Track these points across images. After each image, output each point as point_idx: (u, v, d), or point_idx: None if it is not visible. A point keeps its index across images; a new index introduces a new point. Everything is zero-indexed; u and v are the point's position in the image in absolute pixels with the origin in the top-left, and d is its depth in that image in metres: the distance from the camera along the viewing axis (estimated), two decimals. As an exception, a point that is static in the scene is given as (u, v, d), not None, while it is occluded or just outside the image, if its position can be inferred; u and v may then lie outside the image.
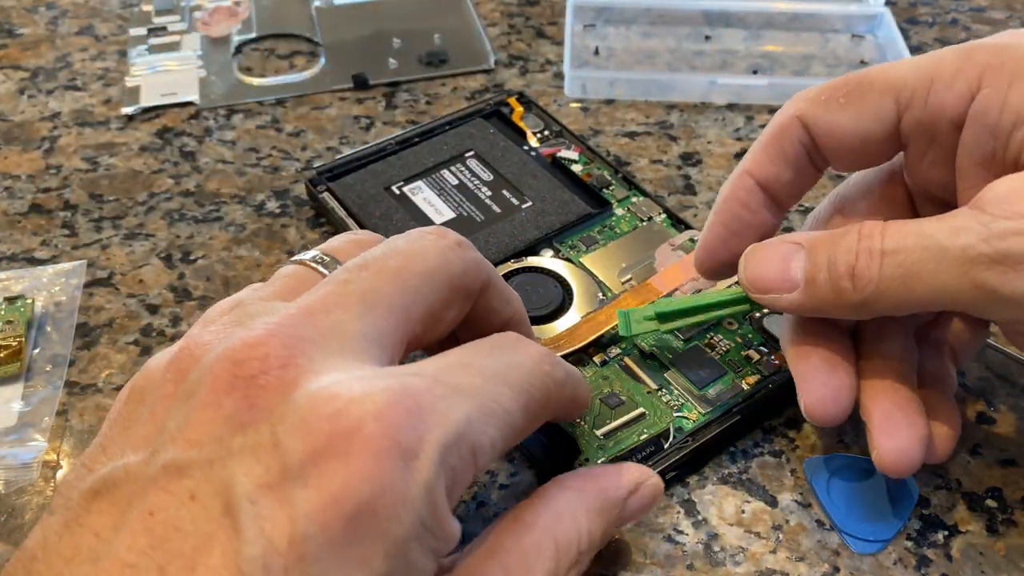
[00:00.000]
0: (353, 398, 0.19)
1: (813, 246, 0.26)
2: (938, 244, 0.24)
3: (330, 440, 0.19)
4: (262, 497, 0.18)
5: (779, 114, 0.28)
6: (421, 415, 0.20)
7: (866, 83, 0.27)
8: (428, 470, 0.19)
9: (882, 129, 0.26)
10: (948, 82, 0.25)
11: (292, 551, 0.18)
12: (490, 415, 0.21)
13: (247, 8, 0.52)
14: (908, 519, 0.29)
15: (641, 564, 0.28)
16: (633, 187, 0.38)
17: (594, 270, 0.35)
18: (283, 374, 0.20)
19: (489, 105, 0.42)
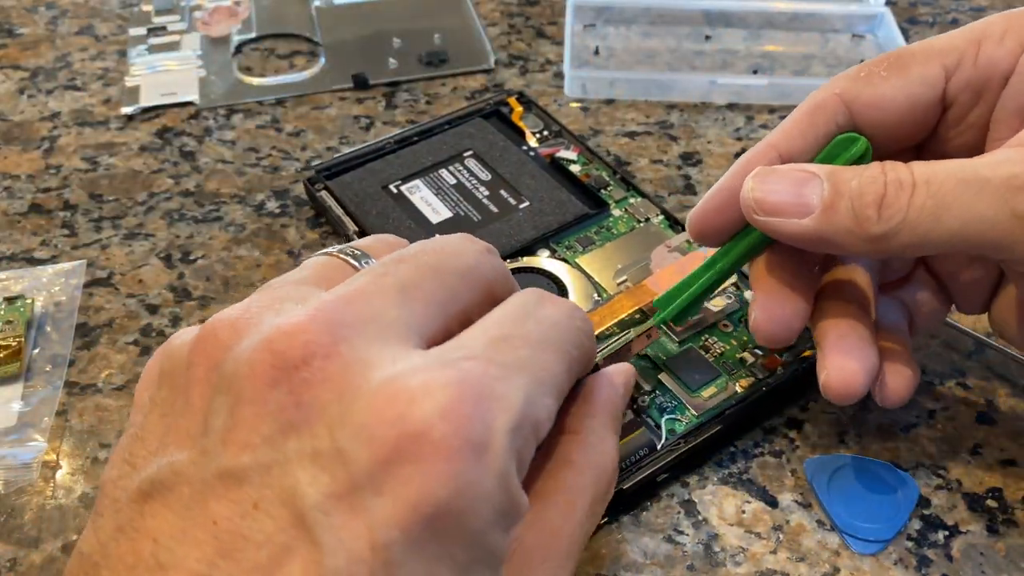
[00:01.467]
0: (414, 397, 0.19)
1: (832, 175, 0.25)
2: (978, 175, 0.23)
3: (398, 446, 0.18)
4: (334, 508, 0.18)
5: (815, 93, 0.28)
6: (486, 405, 0.19)
7: (907, 55, 0.27)
8: (500, 459, 0.19)
9: (930, 94, 0.27)
10: (998, 39, 0.26)
11: (376, 558, 0.18)
12: (543, 385, 0.21)
13: (247, 8, 0.52)
14: (908, 519, 0.29)
15: (641, 564, 0.28)
16: (631, 188, 0.38)
17: (590, 271, 0.35)
18: (327, 365, 0.19)
19: (489, 105, 0.42)
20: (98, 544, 0.20)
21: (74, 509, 0.29)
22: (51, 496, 0.30)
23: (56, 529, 0.29)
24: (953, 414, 0.32)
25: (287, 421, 0.19)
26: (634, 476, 0.28)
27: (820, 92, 0.28)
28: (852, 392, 0.26)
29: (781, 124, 0.28)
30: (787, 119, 0.28)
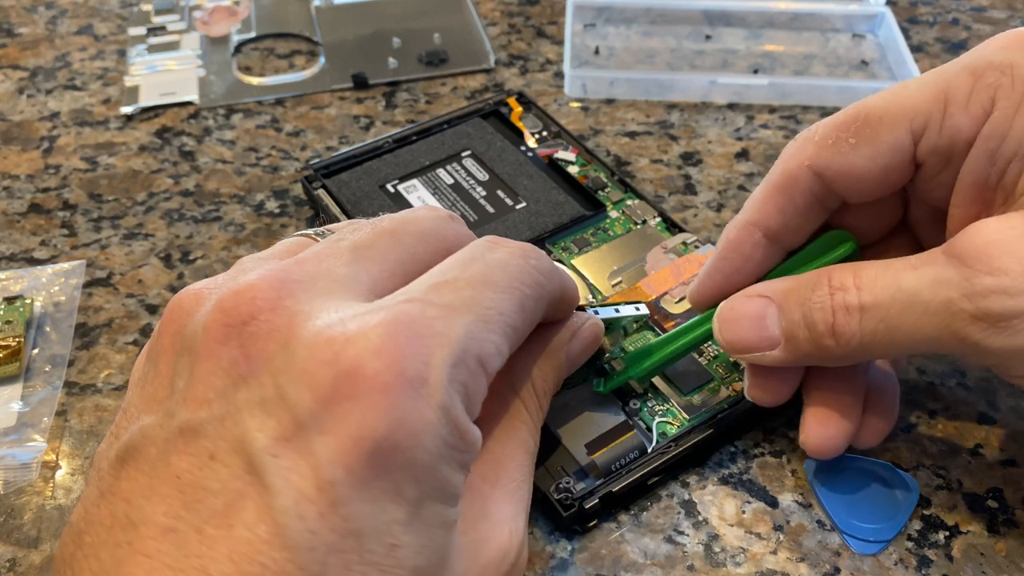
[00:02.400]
0: (349, 338, 0.19)
1: (784, 301, 0.26)
2: (919, 298, 0.24)
3: (335, 385, 0.19)
4: (281, 450, 0.19)
5: (785, 161, 0.27)
6: (421, 341, 0.20)
7: (874, 118, 0.26)
8: (440, 392, 0.20)
9: (899, 159, 0.26)
10: (963, 104, 0.25)
11: (322, 497, 0.18)
12: (488, 322, 0.22)
13: (246, 8, 0.52)
14: (908, 520, 0.29)
15: (641, 564, 0.28)
16: (629, 190, 0.38)
17: (585, 272, 0.35)
18: (273, 318, 0.20)
19: (488, 105, 0.42)
20: (83, 512, 0.21)
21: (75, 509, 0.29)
22: (51, 496, 0.30)
23: (56, 529, 0.29)
24: (953, 414, 0.32)
25: (238, 374, 0.20)
26: (624, 478, 0.28)
27: (789, 162, 0.27)
28: (827, 454, 0.28)
29: (756, 196, 0.28)
30: (761, 190, 0.28)
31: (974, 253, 0.23)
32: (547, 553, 0.28)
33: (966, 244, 0.23)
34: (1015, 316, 0.23)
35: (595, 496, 0.28)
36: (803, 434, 0.29)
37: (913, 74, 0.45)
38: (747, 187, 0.41)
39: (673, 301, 0.33)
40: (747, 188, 0.41)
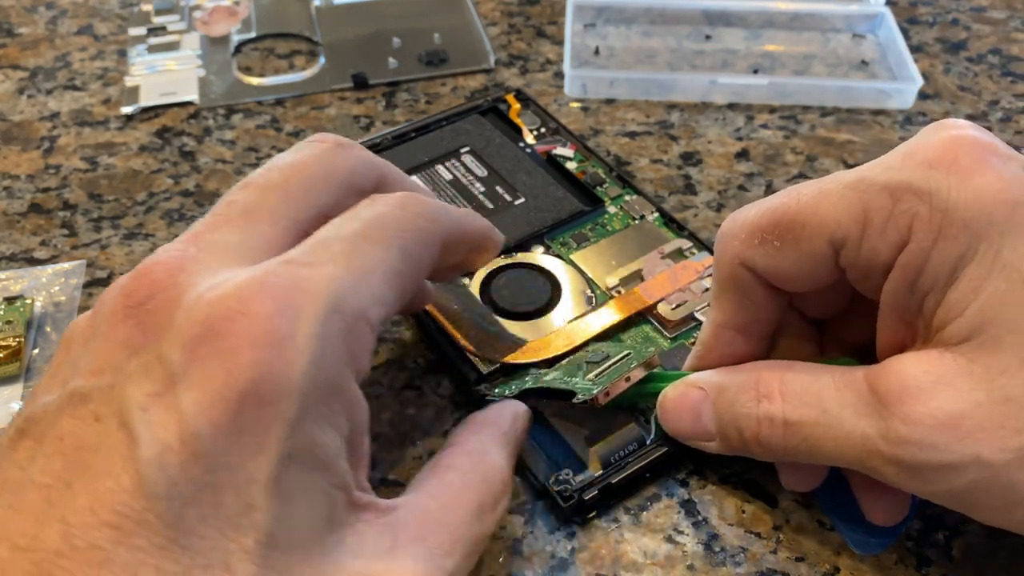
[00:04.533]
0: (219, 298, 0.20)
1: (716, 399, 0.27)
2: (840, 427, 0.24)
3: (203, 339, 0.20)
4: (152, 405, 0.20)
5: (720, 258, 0.27)
6: (288, 297, 0.21)
7: (798, 224, 0.25)
8: (309, 347, 0.20)
9: (822, 266, 0.25)
10: (880, 229, 0.24)
11: (185, 448, 0.19)
12: (365, 274, 0.22)
13: (246, 8, 0.52)
14: (911, 520, 0.29)
15: (641, 564, 0.28)
16: (627, 185, 0.38)
17: (584, 267, 0.35)
18: (167, 295, 0.21)
19: (487, 101, 0.42)
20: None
21: None
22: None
23: (55, 529, 0.29)
24: (953, 414, 0.32)
25: (131, 347, 0.21)
26: (623, 471, 0.28)
27: (724, 258, 0.27)
28: (806, 490, 0.29)
29: (715, 297, 0.28)
30: (714, 294, 0.28)
31: (889, 395, 0.23)
32: (547, 553, 0.28)
33: (884, 381, 0.23)
34: (926, 468, 0.23)
35: (594, 488, 0.28)
36: (782, 478, 0.29)
37: (913, 74, 0.45)
38: (747, 187, 0.41)
39: (670, 308, 0.33)
40: (747, 188, 0.41)
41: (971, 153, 0.23)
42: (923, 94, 0.46)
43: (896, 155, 0.24)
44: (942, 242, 0.23)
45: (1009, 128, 0.45)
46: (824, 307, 0.29)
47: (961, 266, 0.23)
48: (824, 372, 0.25)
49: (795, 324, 0.29)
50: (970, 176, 0.23)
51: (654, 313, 0.33)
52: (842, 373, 0.25)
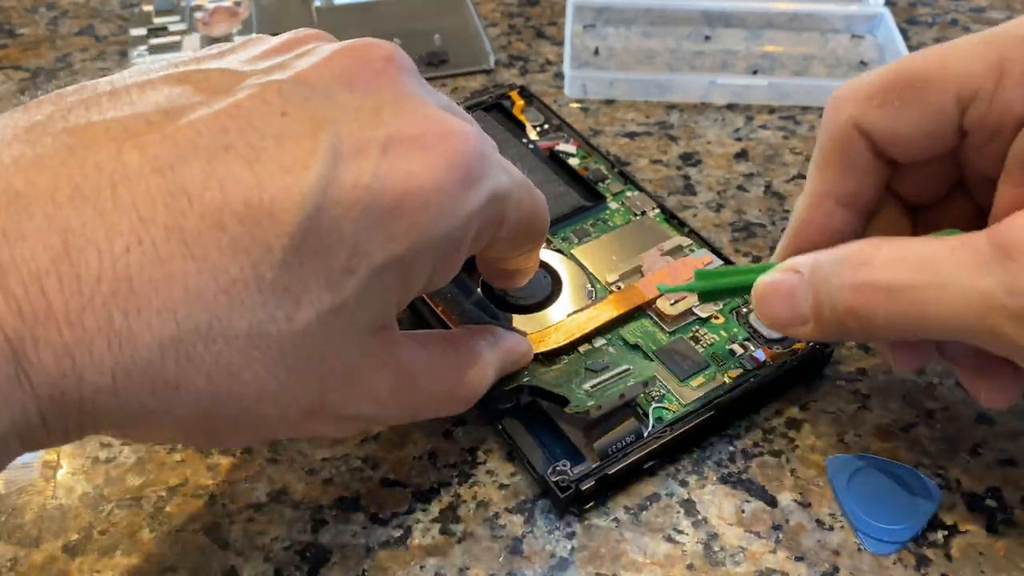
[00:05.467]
0: (453, 119, 0.23)
1: (812, 275, 0.25)
2: (957, 284, 0.22)
3: (424, 134, 0.22)
4: (348, 143, 0.21)
5: (831, 121, 0.26)
6: (487, 165, 0.23)
7: (920, 79, 0.24)
8: (477, 202, 0.23)
9: (946, 127, 0.25)
10: (1019, 77, 0.23)
11: (352, 192, 0.21)
12: (518, 202, 0.25)
13: (247, 8, 0.52)
14: (927, 523, 0.29)
15: (641, 564, 0.28)
16: (629, 182, 0.39)
17: (585, 262, 0.35)
18: (398, 76, 0.23)
19: (491, 98, 0.42)
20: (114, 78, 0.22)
21: (75, 509, 0.29)
22: (52, 496, 0.30)
23: (57, 529, 0.29)
24: (953, 414, 0.32)
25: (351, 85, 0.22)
26: (621, 462, 0.29)
27: (834, 121, 0.26)
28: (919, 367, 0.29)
29: (817, 166, 0.27)
30: (815, 162, 0.27)
31: (1016, 245, 0.21)
32: (547, 552, 0.28)
33: (1011, 235, 0.22)
34: None
35: (591, 479, 0.28)
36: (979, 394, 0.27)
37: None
38: (746, 187, 0.41)
39: (668, 303, 0.33)
40: (746, 188, 0.41)
41: None
42: (922, 95, 0.46)
43: (1015, 21, 0.24)
44: None
45: (1008, 129, 0.45)
46: (925, 188, 0.28)
47: None
48: (934, 240, 0.23)
49: (891, 207, 0.28)
50: None
51: (653, 308, 0.33)
52: (956, 237, 0.23)
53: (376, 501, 0.29)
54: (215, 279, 0.19)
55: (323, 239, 0.20)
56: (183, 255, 0.19)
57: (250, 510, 0.29)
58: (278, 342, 0.20)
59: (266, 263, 0.20)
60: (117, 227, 0.18)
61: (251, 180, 0.20)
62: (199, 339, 0.19)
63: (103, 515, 0.29)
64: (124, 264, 0.18)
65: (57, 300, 0.18)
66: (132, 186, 0.19)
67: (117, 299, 0.18)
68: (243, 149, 0.20)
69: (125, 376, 0.19)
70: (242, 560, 0.28)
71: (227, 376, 0.20)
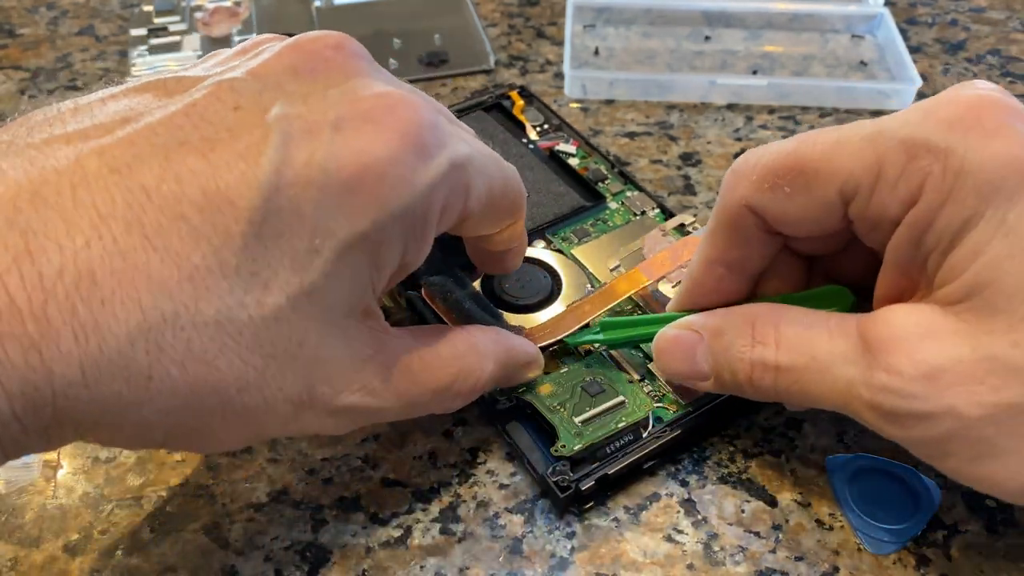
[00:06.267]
0: (401, 92, 0.23)
1: (712, 340, 0.28)
2: (828, 372, 0.25)
3: (372, 108, 0.22)
4: (297, 126, 0.21)
5: (726, 197, 0.27)
6: (441, 133, 0.23)
7: (810, 171, 0.25)
8: (436, 170, 0.23)
9: (831, 216, 0.26)
10: (892, 183, 0.24)
11: (305, 171, 0.21)
12: (483, 169, 0.25)
13: (247, 8, 0.52)
14: (927, 523, 0.29)
15: (641, 564, 0.28)
16: (629, 182, 0.39)
17: (585, 262, 0.35)
18: (347, 62, 0.24)
19: (491, 98, 0.43)
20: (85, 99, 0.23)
21: (75, 509, 0.29)
22: (52, 496, 0.30)
23: (57, 529, 0.29)
24: (952, 414, 0.32)
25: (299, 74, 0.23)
26: (620, 461, 0.29)
27: (729, 198, 0.27)
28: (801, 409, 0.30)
29: (708, 236, 0.28)
30: (710, 230, 0.28)
31: (878, 343, 0.24)
32: (547, 552, 0.28)
33: (874, 330, 0.24)
34: (903, 415, 0.24)
35: (591, 478, 0.28)
36: None
37: (912, 75, 0.45)
38: (746, 187, 0.41)
39: (670, 286, 0.33)
40: (746, 188, 0.41)
41: (995, 115, 0.23)
42: (922, 95, 0.46)
43: (918, 110, 0.24)
44: (951, 204, 0.23)
45: (1008, 129, 0.45)
46: (820, 248, 0.29)
47: (966, 229, 0.23)
48: (818, 320, 0.26)
49: (786, 256, 0.29)
50: (990, 138, 0.23)
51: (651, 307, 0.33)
52: (837, 321, 0.25)
53: (376, 501, 0.29)
54: (178, 267, 0.20)
55: (283, 221, 0.21)
56: (144, 246, 0.19)
57: (250, 510, 0.29)
58: (250, 328, 0.21)
59: (228, 249, 0.20)
60: (77, 224, 0.19)
61: (207, 170, 0.20)
62: (167, 327, 0.20)
63: (103, 515, 0.29)
64: (85, 258, 0.19)
65: (20, 295, 0.18)
66: (91, 187, 0.19)
67: (80, 291, 0.19)
68: (198, 143, 0.21)
69: (95, 367, 0.19)
70: (242, 560, 0.28)
71: (202, 364, 0.20)
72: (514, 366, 0.29)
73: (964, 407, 0.23)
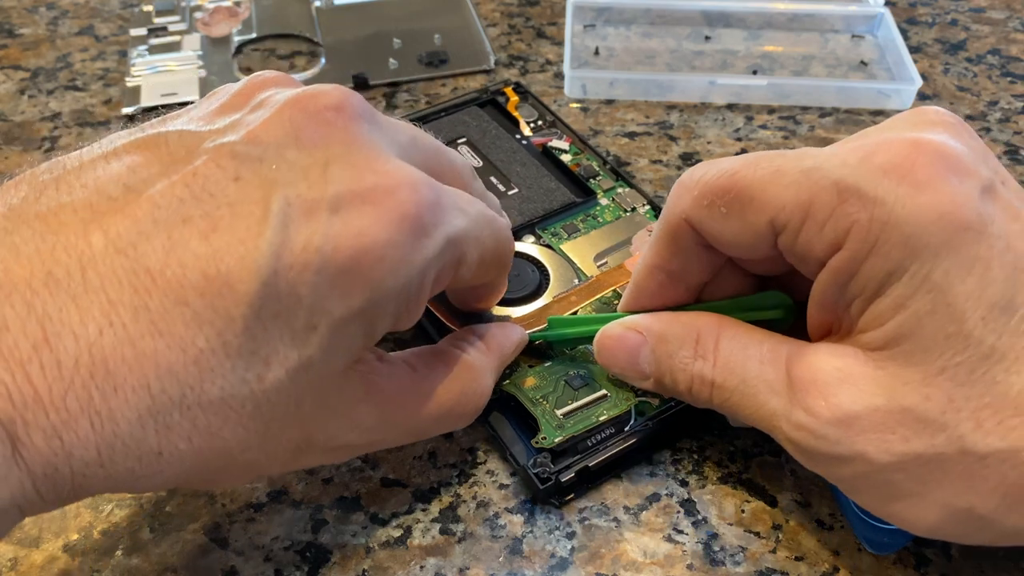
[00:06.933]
0: (401, 170, 0.23)
1: (656, 346, 0.28)
2: (755, 397, 0.26)
3: (372, 189, 0.22)
4: (298, 205, 0.21)
5: (669, 208, 0.27)
6: (439, 211, 0.24)
7: (746, 197, 0.25)
8: (433, 249, 0.23)
9: (760, 242, 0.26)
10: (819, 225, 0.24)
11: (303, 256, 0.21)
12: (477, 239, 0.26)
13: (247, 8, 0.52)
14: None
15: (641, 564, 0.28)
16: (620, 178, 0.39)
17: (573, 257, 0.35)
18: (350, 124, 0.23)
19: (486, 94, 0.43)
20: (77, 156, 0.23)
21: (75, 509, 0.29)
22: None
23: (57, 528, 0.29)
24: (952, 414, 0.32)
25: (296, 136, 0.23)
26: (601, 454, 0.29)
27: (672, 210, 0.27)
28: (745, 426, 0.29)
29: (652, 243, 0.29)
30: (654, 237, 0.29)
31: (800, 383, 0.25)
32: (547, 552, 0.28)
33: (798, 370, 0.25)
34: (818, 455, 0.25)
35: (571, 470, 0.29)
36: None
37: (912, 75, 0.45)
38: (746, 187, 0.41)
39: None
40: (746, 188, 0.41)
41: (929, 166, 0.23)
42: (922, 94, 0.46)
43: (857, 151, 0.24)
44: (876, 255, 0.23)
45: (1008, 128, 0.45)
46: (765, 268, 0.29)
47: (890, 282, 0.23)
48: (754, 342, 0.27)
49: (733, 273, 0.29)
50: (921, 191, 0.23)
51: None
52: (770, 347, 0.26)
53: (376, 501, 0.29)
54: (184, 352, 0.20)
55: (281, 302, 0.21)
56: (151, 332, 0.20)
57: (250, 510, 0.29)
58: (252, 400, 0.22)
59: (230, 331, 0.21)
60: (89, 311, 0.20)
61: (208, 253, 0.21)
62: (175, 408, 0.21)
63: (103, 515, 0.29)
64: (99, 347, 0.20)
65: (42, 385, 0.19)
66: (99, 268, 0.20)
67: (95, 380, 0.20)
68: (200, 221, 0.21)
69: (109, 450, 0.20)
70: (242, 560, 0.28)
71: (207, 436, 0.21)
72: (507, 359, 0.30)
73: (874, 453, 0.23)
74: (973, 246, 0.22)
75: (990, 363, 0.22)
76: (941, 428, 0.23)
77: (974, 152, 0.24)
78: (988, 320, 0.22)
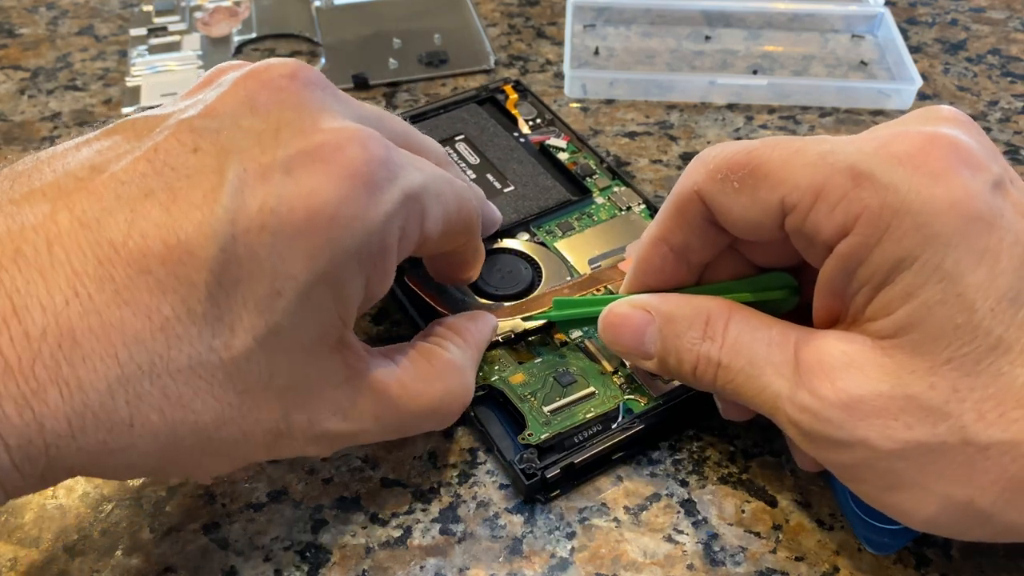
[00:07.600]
0: (351, 128, 0.23)
1: (664, 326, 0.28)
2: (760, 379, 0.26)
3: (321, 147, 0.23)
4: (251, 169, 0.22)
5: (682, 181, 0.27)
6: (392, 166, 0.24)
7: (760, 174, 0.25)
8: (389, 204, 0.23)
9: (768, 221, 0.26)
10: (830, 207, 0.24)
11: (258, 218, 0.21)
12: (437, 195, 0.26)
13: (247, 8, 0.52)
14: None
15: (641, 564, 0.28)
16: (617, 177, 0.39)
17: (567, 255, 0.35)
18: (300, 92, 0.24)
19: (485, 91, 0.43)
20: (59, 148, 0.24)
21: (75, 509, 0.29)
22: (52, 495, 0.30)
23: (57, 529, 0.29)
24: (952, 414, 0.32)
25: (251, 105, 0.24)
26: (587, 451, 0.29)
27: (685, 182, 0.27)
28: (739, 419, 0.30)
29: (660, 214, 0.28)
30: (663, 208, 0.28)
31: (807, 365, 0.25)
32: (547, 552, 0.28)
33: (805, 353, 0.25)
34: (821, 439, 0.25)
35: (557, 467, 0.29)
36: None
37: (912, 75, 0.45)
38: (746, 187, 0.41)
39: None
40: (746, 188, 0.41)
41: (944, 158, 0.23)
42: (922, 94, 0.46)
43: (874, 140, 0.24)
44: (887, 242, 0.23)
45: (1008, 128, 0.45)
46: (763, 258, 0.29)
47: (900, 269, 0.23)
48: (763, 325, 0.26)
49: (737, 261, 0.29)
50: (935, 181, 0.23)
51: None
52: (779, 331, 0.26)
53: (376, 501, 0.29)
54: (149, 319, 0.21)
55: (243, 267, 0.21)
56: (117, 302, 0.21)
57: (250, 510, 0.29)
58: (221, 369, 0.22)
59: (194, 298, 0.21)
60: (55, 283, 0.20)
61: (168, 222, 0.21)
62: (144, 377, 0.21)
63: (103, 515, 0.29)
64: (66, 317, 0.20)
65: (11, 355, 0.20)
66: (64, 243, 0.21)
67: (63, 350, 0.20)
68: (161, 193, 0.21)
69: (80, 420, 0.20)
70: (242, 560, 0.28)
71: (179, 408, 0.21)
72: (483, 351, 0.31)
73: (876, 440, 0.23)
74: (984, 237, 0.23)
75: (996, 354, 0.22)
76: (944, 417, 0.23)
77: (985, 149, 0.24)
78: (997, 311, 0.22)
